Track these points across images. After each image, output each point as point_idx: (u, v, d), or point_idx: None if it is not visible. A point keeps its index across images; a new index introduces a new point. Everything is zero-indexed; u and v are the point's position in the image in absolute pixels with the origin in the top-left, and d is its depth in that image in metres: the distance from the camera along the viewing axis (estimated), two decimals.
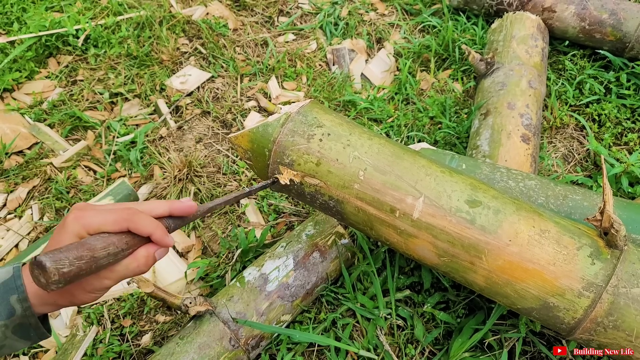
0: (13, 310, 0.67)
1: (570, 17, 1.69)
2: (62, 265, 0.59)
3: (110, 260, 0.64)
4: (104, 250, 0.63)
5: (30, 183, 1.55)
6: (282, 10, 2.10)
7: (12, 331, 0.68)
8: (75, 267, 0.60)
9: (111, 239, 0.65)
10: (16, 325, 0.68)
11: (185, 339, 1.04)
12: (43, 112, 1.72)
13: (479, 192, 0.86)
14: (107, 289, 0.70)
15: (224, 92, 1.79)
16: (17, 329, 0.68)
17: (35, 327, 0.70)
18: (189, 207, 0.73)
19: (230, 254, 1.35)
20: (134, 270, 0.68)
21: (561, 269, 0.79)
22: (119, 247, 0.65)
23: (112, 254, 0.64)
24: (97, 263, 0.62)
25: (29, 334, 0.70)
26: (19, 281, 0.67)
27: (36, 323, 0.69)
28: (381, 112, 1.67)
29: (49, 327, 0.74)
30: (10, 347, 0.71)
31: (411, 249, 0.89)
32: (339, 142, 0.89)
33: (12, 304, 0.67)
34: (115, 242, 0.65)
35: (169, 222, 0.72)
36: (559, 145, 1.57)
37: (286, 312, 1.13)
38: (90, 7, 2.04)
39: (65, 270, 0.59)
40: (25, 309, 0.67)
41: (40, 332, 0.71)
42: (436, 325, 1.18)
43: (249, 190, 0.89)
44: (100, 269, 0.64)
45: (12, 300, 0.67)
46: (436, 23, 1.93)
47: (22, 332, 0.69)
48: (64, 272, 0.59)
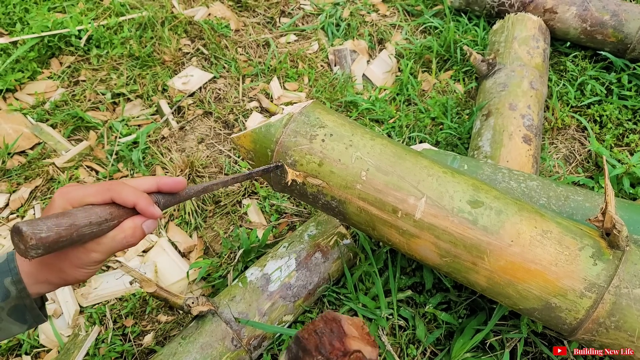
0: (8, 293, 0.68)
1: (571, 19, 1.69)
2: (40, 231, 0.58)
3: (93, 229, 0.64)
4: (86, 219, 0.62)
5: (33, 183, 1.55)
6: (284, 11, 2.10)
7: (7, 313, 0.69)
8: (54, 233, 0.59)
9: (94, 209, 0.64)
10: (12, 307, 0.69)
11: (188, 338, 1.05)
12: (45, 112, 1.72)
13: (481, 192, 0.86)
14: (96, 263, 0.69)
15: (226, 93, 1.79)
16: (13, 311, 0.70)
17: (30, 309, 0.71)
18: (177, 182, 0.72)
19: (232, 254, 1.35)
20: (121, 241, 0.67)
21: (563, 269, 0.79)
22: (102, 217, 0.64)
23: (94, 223, 0.63)
24: (78, 231, 0.62)
25: (24, 317, 0.72)
26: (12, 264, 0.69)
27: (31, 304, 0.70)
28: (383, 113, 1.67)
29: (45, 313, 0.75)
30: (7, 331, 0.72)
31: (413, 250, 0.89)
32: (342, 142, 0.89)
33: (7, 286, 0.68)
34: (97, 212, 0.64)
35: (158, 197, 0.71)
36: (561, 146, 1.57)
37: (288, 312, 1.13)
38: (93, 8, 2.04)
39: (43, 235, 0.58)
40: (20, 291, 0.68)
41: (36, 314, 0.72)
42: (438, 326, 1.18)
43: (249, 173, 0.88)
44: (83, 238, 0.63)
45: (7, 283, 0.68)
46: (438, 24, 1.93)
47: (18, 314, 0.71)
48: (42, 237, 0.58)
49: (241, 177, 0.86)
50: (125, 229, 0.67)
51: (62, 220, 0.61)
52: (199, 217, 1.46)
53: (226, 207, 1.48)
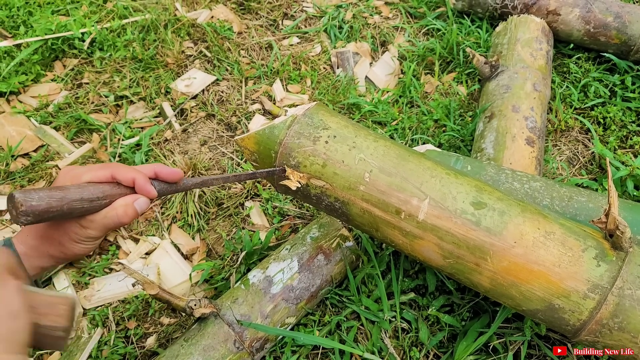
0: None
1: (574, 20, 1.69)
2: (31, 199, 0.62)
3: (84, 205, 0.67)
4: (78, 194, 0.66)
5: (36, 185, 1.55)
6: (287, 13, 2.11)
7: None
8: (44, 203, 0.63)
9: (88, 186, 0.68)
10: None
11: (190, 341, 1.05)
12: (49, 114, 1.72)
13: (484, 193, 0.86)
14: (92, 239, 0.72)
15: (229, 95, 1.79)
16: None
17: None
18: (173, 172, 0.76)
19: (235, 256, 1.35)
20: (113, 218, 0.70)
21: (566, 270, 0.79)
22: (94, 195, 0.68)
23: (85, 199, 0.67)
24: (69, 204, 0.65)
25: None
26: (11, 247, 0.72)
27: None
28: (385, 115, 1.67)
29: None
30: None
31: (416, 251, 0.89)
32: (345, 144, 0.89)
33: None
34: (91, 189, 0.68)
35: (154, 183, 0.74)
36: (564, 148, 1.57)
37: (291, 315, 1.13)
38: (96, 11, 2.05)
39: (34, 204, 0.62)
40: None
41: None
42: (441, 328, 1.17)
43: (252, 172, 0.90)
44: (74, 212, 0.66)
45: None
46: (440, 26, 1.94)
47: None
48: (32, 204, 0.62)
49: (244, 175, 0.89)
50: (117, 207, 0.70)
51: (54, 192, 0.64)
52: (201, 219, 1.46)
53: (229, 209, 1.48)
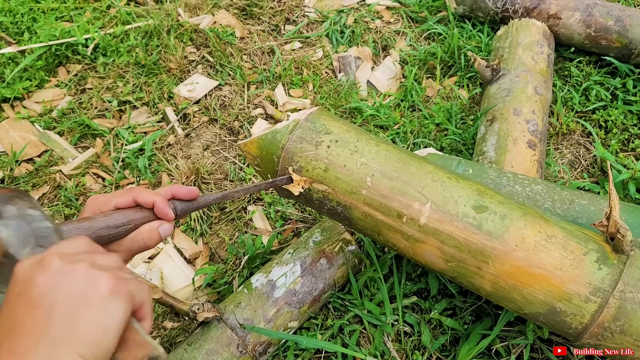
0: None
1: (575, 24, 1.70)
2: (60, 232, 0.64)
3: (111, 232, 0.69)
4: (104, 223, 0.68)
5: (40, 190, 1.56)
6: (289, 18, 2.12)
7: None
8: (74, 236, 0.64)
9: (114, 214, 0.71)
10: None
11: (193, 345, 1.05)
12: (53, 120, 1.74)
13: (486, 197, 0.87)
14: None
15: (231, 100, 1.80)
16: None
17: None
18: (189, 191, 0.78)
19: (238, 260, 1.35)
20: (139, 242, 0.73)
21: (568, 274, 0.79)
22: (118, 221, 0.70)
23: (111, 226, 0.69)
24: (96, 233, 0.67)
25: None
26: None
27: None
28: (387, 119, 1.68)
29: None
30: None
31: (418, 254, 0.90)
32: (347, 148, 0.90)
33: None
34: (116, 216, 0.70)
35: (175, 203, 0.76)
36: (566, 152, 1.57)
37: (293, 319, 1.13)
38: (100, 17, 2.06)
39: (63, 237, 0.63)
40: None
41: None
42: (443, 332, 1.18)
43: (272, 181, 0.92)
44: (101, 240, 0.68)
45: None
46: (442, 30, 1.94)
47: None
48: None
49: (263, 184, 0.91)
50: (143, 231, 0.73)
51: (82, 224, 0.67)
52: (204, 223, 1.46)
53: (231, 213, 1.49)
